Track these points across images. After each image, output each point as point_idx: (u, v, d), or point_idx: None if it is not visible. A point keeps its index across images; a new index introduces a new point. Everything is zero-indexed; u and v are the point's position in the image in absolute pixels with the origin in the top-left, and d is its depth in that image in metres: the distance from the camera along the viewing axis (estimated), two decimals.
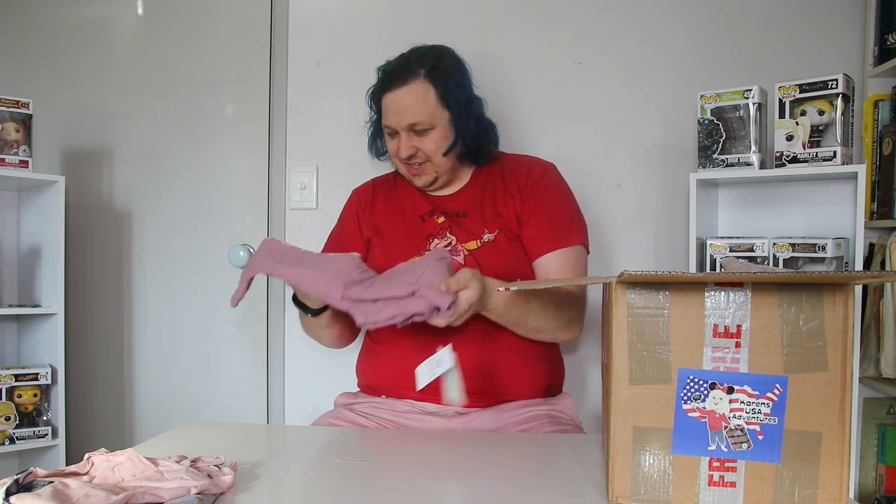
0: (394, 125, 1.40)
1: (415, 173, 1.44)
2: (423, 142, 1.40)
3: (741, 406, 0.76)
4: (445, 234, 1.43)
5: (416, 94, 1.38)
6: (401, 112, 1.39)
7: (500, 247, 1.40)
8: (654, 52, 1.92)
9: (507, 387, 1.35)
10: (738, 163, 1.63)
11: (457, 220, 1.44)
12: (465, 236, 1.42)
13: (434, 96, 1.39)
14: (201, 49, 2.16)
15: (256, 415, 2.13)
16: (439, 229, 1.44)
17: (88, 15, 2.24)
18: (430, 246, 1.42)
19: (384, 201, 1.54)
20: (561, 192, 1.47)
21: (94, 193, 2.22)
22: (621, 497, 0.79)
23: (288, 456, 1.13)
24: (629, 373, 0.79)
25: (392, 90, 1.39)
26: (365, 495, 0.88)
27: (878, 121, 1.74)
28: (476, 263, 1.37)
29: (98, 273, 2.23)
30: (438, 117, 1.40)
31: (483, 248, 1.39)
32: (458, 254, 1.39)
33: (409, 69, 1.39)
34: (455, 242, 1.41)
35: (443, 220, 1.45)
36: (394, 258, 1.41)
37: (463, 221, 1.44)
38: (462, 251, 1.40)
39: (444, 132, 1.41)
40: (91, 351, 2.23)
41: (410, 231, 1.46)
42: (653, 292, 0.78)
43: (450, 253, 1.39)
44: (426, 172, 1.43)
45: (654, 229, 1.93)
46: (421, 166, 1.42)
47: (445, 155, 1.42)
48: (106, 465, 0.85)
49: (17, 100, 1.89)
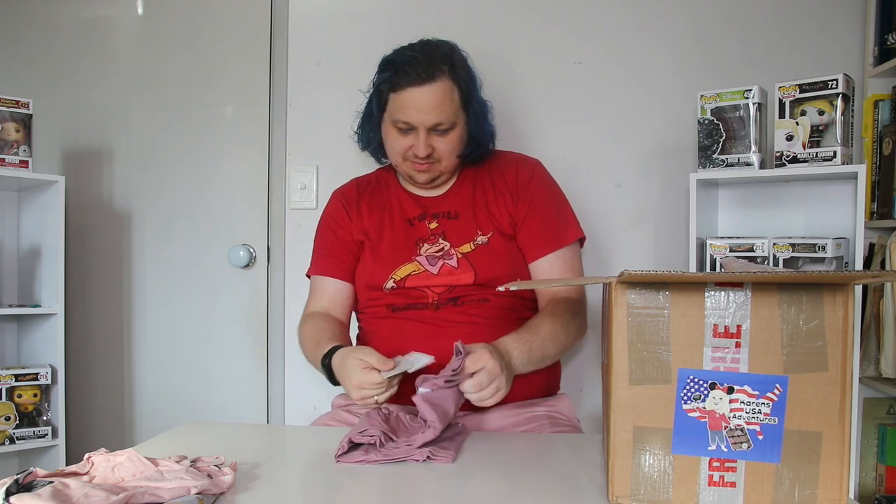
0: (415, 122, 1.33)
1: (420, 170, 1.39)
2: (441, 141, 1.36)
3: (741, 406, 0.76)
4: (437, 240, 1.40)
5: (443, 93, 1.32)
6: (427, 110, 1.32)
7: (494, 249, 1.38)
8: (654, 53, 1.92)
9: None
10: (738, 163, 1.63)
11: (449, 223, 1.42)
12: (459, 239, 1.39)
13: (458, 96, 1.35)
14: (201, 49, 2.16)
15: (256, 415, 2.13)
16: (430, 234, 1.41)
17: (88, 15, 2.24)
18: (420, 251, 1.39)
19: (369, 203, 1.49)
20: (551, 190, 1.46)
21: (94, 193, 2.22)
22: (621, 497, 0.79)
23: (288, 456, 1.13)
24: (629, 373, 0.79)
25: (415, 86, 1.31)
26: (365, 495, 0.88)
27: (878, 121, 1.74)
28: (470, 266, 1.36)
29: (98, 273, 2.23)
30: (460, 117, 1.37)
31: (477, 251, 1.38)
32: (450, 257, 1.37)
33: (432, 65, 1.32)
34: (448, 248, 1.39)
35: (435, 226, 1.42)
36: (383, 265, 1.40)
37: (455, 223, 1.42)
38: (455, 255, 1.38)
39: (461, 133, 1.39)
40: (91, 351, 2.23)
41: (399, 236, 1.43)
42: (653, 292, 0.78)
43: (440, 257, 1.37)
44: (433, 170, 1.40)
45: (654, 229, 1.93)
46: (429, 164, 1.38)
47: (458, 156, 1.41)
48: (106, 465, 0.85)
49: (17, 100, 1.89)
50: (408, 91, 1.32)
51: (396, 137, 1.38)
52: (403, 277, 1.37)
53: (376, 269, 1.41)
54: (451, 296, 1.35)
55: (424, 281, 1.37)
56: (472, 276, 1.35)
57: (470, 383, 1.07)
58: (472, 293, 1.35)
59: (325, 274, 1.47)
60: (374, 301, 1.41)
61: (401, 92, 1.33)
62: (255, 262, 2.13)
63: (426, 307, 1.36)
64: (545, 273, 1.39)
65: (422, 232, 1.42)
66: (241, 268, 2.13)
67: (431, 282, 1.36)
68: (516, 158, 1.50)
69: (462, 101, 1.37)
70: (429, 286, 1.37)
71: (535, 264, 1.40)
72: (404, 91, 1.33)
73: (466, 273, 1.35)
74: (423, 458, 0.98)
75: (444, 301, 1.35)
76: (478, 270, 1.35)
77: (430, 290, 1.37)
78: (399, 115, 1.35)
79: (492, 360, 1.10)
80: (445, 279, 1.36)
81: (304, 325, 1.43)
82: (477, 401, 1.10)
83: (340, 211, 1.50)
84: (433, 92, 1.32)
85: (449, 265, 1.36)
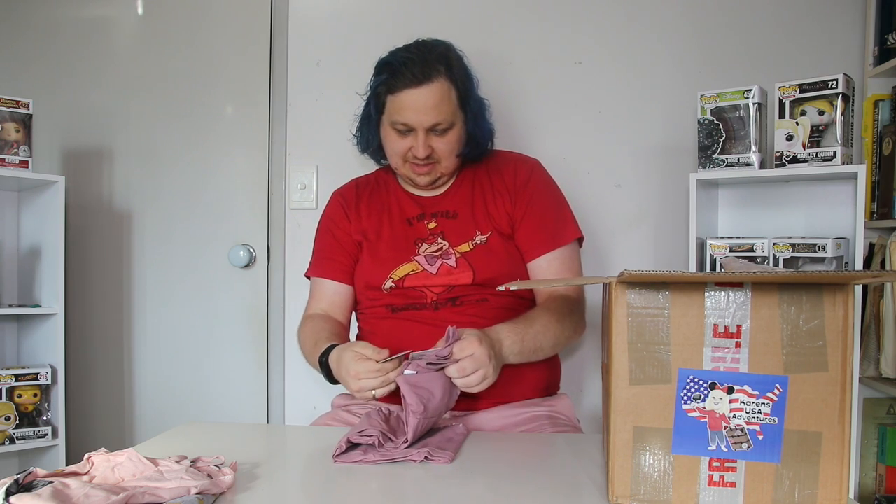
0: (413, 123, 1.34)
1: (420, 172, 1.40)
2: (439, 142, 1.36)
3: (741, 406, 0.76)
4: (436, 240, 1.40)
5: (440, 94, 1.33)
6: (424, 111, 1.33)
7: (493, 248, 1.38)
8: (655, 52, 1.92)
9: (506, 389, 1.34)
10: (738, 163, 1.63)
11: (448, 222, 1.42)
12: (457, 239, 1.39)
13: (455, 96, 1.36)
14: (201, 49, 2.16)
15: (256, 415, 2.13)
16: (429, 234, 1.41)
17: (88, 14, 2.24)
18: (419, 251, 1.39)
19: (368, 204, 1.49)
20: (549, 189, 1.46)
21: (94, 193, 2.22)
22: (621, 497, 0.79)
23: (288, 456, 1.13)
24: (629, 373, 0.79)
25: (412, 87, 1.32)
26: (365, 495, 0.88)
27: (878, 121, 1.74)
28: (469, 265, 1.36)
29: (98, 273, 2.23)
30: (458, 117, 1.38)
31: (475, 250, 1.38)
32: (449, 257, 1.37)
33: (429, 66, 1.32)
34: (447, 247, 1.39)
35: (434, 226, 1.42)
36: (382, 265, 1.40)
37: (454, 223, 1.42)
38: (454, 254, 1.38)
39: (460, 133, 1.39)
40: (91, 351, 2.23)
41: (398, 236, 1.43)
42: (653, 292, 0.78)
43: (439, 257, 1.37)
44: (433, 172, 1.40)
45: (654, 229, 1.93)
46: (430, 165, 1.39)
47: (458, 156, 1.41)
48: (106, 465, 0.85)
49: (17, 100, 1.89)
50: (405, 93, 1.32)
51: (395, 139, 1.38)
52: (402, 277, 1.37)
53: (375, 269, 1.41)
54: (450, 296, 1.35)
55: (423, 280, 1.37)
56: (470, 276, 1.35)
57: (454, 368, 1.08)
58: (471, 293, 1.35)
59: (324, 276, 1.47)
60: (374, 301, 1.41)
61: (398, 94, 1.33)
62: (255, 262, 2.13)
63: (425, 307, 1.36)
64: (543, 272, 1.39)
65: (420, 232, 1.42)
66: (241, 268, 2.13)
67: (430, 281, 1.36)
68: (515, 158, 1.50)
69: (460, 100, 1.37)
70: (427, 286, 1.37)
71: (533, 264, 1.40)
72: (401, 93, 1.33)
73: (465, 272, 1.35)
74: (420, 459, 0.98)
75: (442, 301, 1.35)
76: (476, 270, 1.35)
77: (428, 291, 1.37)
78: (397, 116, 1.35)
79: (480, 348, 1.10)
80: (444, 279, 1.36)
81: (303, 327, 1.43)
82: (463, 386, 1.11)
83: (339, 212, 1.50)
84: (430, 92, 1.32)
85: (448, 265, 1.37)
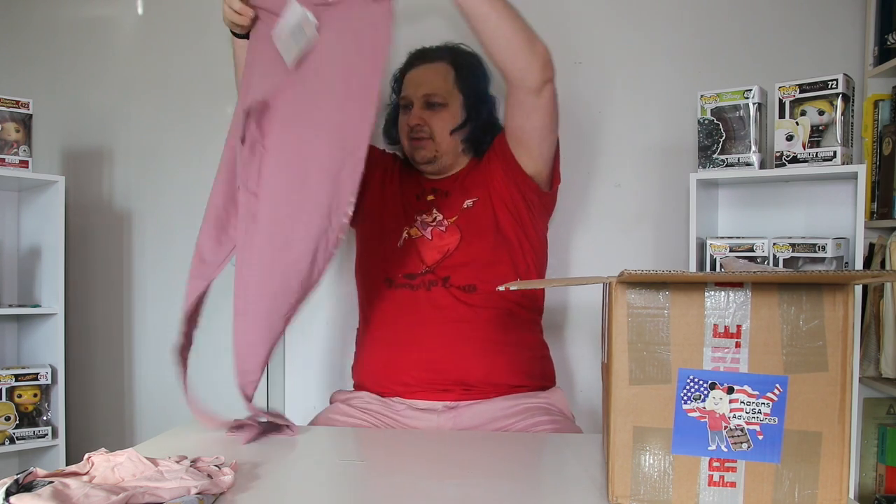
0: (410, 95, 1.52)
1: (416, 146, 1.50)
2: (433, 117, 1.49)
3: (741, 406, 0.76)
4: (432, 211, 1.48)
5: (436, 71, 1.51)
6: (420, 84, 1.51)
7: (477, 212, 1.45)
8: (654, 53, 1.92)
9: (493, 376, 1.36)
10: (738, 163, 1.63)
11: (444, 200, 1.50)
12: (449, 212, 1.47)
13: (452, 77, 1.51)
14: (201, 48, 2.16)
15: None
16: (427, 206, 1.50)
17: (88, 14, 2.24)
18: (417, 223, 1.47)
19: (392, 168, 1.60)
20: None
21: (94, 193, 2.22)
22: (621, 497, 0.79)
23: (288, 456, 1.13)
24: (629, 373, 0.79)
25: (416, 67, 1.54)
26: (364, 495, 0.88)
27: (878, 121, 1.74)
28: (458, 230, 1.43)
29: (98, 273, 2.23)
30: (453, 97, 1.50)
31: (462, 215, 1.45)
32: (442, 226, 1.46)
33: (436, 52, 1.56)
34: (441, 218, 1.46)
35: (431, 199, 1.50)
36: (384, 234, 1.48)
37: (448, 199, 1.49)
38: (446, 223, 1.45)
39: (454, 112, 1.50)
40: (91, 351, 2.23)
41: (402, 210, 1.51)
42: (653, 292, 0.78)
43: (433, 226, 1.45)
44: (426, 148, 1.49)
45: (654, 229, 1.93)
46: (423, 140, 1.49)
47: (452, 134, 1.49)
48: (106, 465, 0.85)
49: (17, 100, 1.89)
50: (411, 71, 1.55)
51: (401, 117, 1.55)
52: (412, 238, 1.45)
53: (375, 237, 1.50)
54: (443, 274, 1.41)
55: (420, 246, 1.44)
56: (457, 238, 1.42)
57: None
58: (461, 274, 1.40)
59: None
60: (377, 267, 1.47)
61: (406, 75, 1.56)
62: None
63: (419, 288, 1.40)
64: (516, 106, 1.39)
65: (421, 205, 1.51)
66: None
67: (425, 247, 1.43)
68: None
69: (458, 81, 1.50)
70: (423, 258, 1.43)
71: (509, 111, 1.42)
72: (407, 74, 1.55)
73: (453, 236, 1.43)
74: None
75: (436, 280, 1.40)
76: (464, 232, 1.43)
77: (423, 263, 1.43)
78: (403, 93, 1.55)
79: None
80: (436, 242, 1.43)
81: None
82: None
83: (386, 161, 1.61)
84: (427, 70, 1.52)
85: (438, 230, 1.45)
